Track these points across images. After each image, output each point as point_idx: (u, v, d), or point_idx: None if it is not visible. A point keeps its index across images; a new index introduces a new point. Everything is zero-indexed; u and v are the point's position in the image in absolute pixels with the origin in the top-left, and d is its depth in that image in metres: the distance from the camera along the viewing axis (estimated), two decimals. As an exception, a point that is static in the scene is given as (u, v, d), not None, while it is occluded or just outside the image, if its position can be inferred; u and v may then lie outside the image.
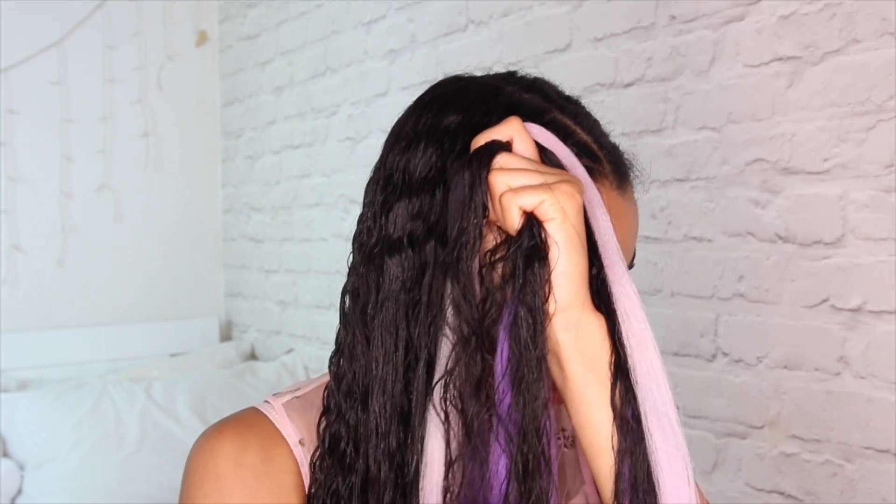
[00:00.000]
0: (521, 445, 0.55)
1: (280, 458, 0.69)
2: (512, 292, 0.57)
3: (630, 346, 0.58)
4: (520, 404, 0.55)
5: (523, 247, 0.57)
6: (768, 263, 1.47)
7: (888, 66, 1.29)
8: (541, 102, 0.68)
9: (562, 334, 0.57)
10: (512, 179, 0.58)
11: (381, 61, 2.46)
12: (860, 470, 1.36)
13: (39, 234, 3.06)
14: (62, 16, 3.06)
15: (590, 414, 0.57)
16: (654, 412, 0.57)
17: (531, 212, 0.57)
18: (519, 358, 0.56)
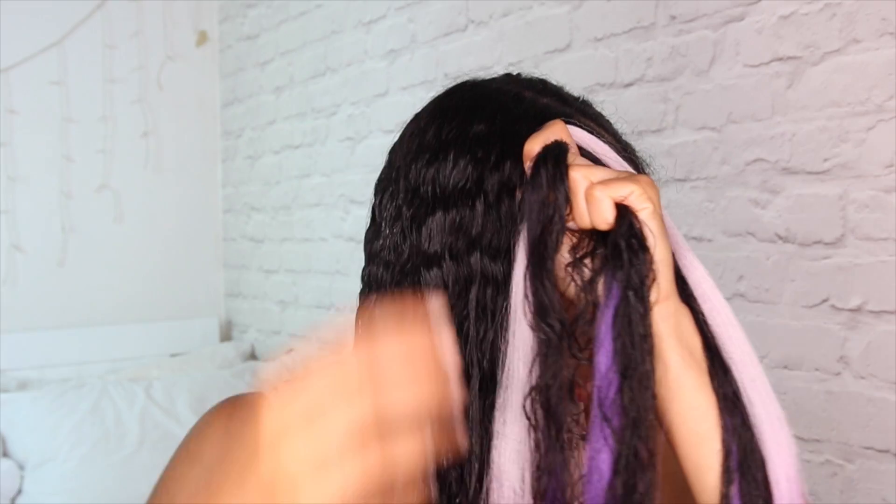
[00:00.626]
0: (630, 438, 0.55)
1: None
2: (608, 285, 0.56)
3: (716, 327, 0.59)
4: (629, 396, 0.55)
5: (624, 234, 0.56)
6: (768, 263, 1.47)
7: (888, 66, 1.29)
8: (561, 106, 0.67)
9: (663, 324, 0.57)
10: (592, 174, 0.58)
11: (381, 61, 2.46)
12: (860, 470, 1.36)
13: (39, 234, 3.06)
14: (62, 16, 3.07)
15: (694, 400, 0.57)
16: (751, 386, 0.57)
17: (622, 203, 0.57)
18: (627, 347, 0.55)
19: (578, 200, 0.57)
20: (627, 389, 0.55)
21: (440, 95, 0.70)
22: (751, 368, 0.58)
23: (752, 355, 0.59)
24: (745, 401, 0.57)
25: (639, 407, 0.55)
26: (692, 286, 0.60)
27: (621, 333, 0.55)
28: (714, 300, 0.59)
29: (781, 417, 0.58)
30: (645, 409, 0.55)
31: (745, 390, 0.57)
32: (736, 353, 0.58)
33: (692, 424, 0.57)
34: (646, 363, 0.55)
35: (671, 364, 0.57)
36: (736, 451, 0.56)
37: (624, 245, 0.56)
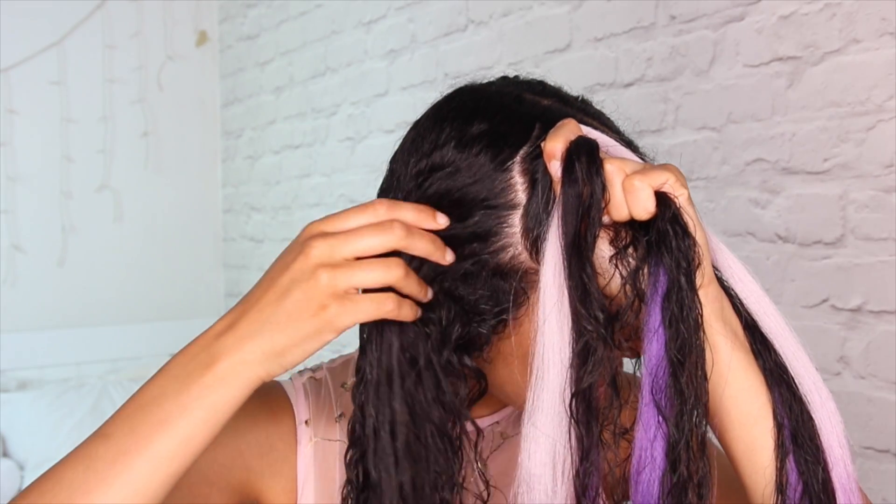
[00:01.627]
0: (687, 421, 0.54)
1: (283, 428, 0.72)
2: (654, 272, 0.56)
3: (751, 305, 0.60)
4: (685, 380, 0.55)
5: (669, 220, 0.56)
6: (768, 263, 1.47)
7: (888, 66, 1.29)
8: (562, 107, 0.67)
9: (708, 307, 0.57)
10: (626, 166, 0.57)
11: (381, 61, 2.46)
12: (860, 470, 1.36)
13: (39, 234, 3.06)
14: (62, 16, 3.07)
15: (745, 381, 0.58)
16: (794, 358, 0.59)
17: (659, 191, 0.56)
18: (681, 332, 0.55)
19: (616, 191, 0.57)
20: (684, 375, 0.55)
21: (439, 101, 0.70)
22: (790, 341, 0.59)
23: (788, 328, 0.60)
24: (790, 372, 0.58)
25: (695, 392, 0.55)
26: (723, 268, 0.60)
27: (674, 319, 0.55)
28: (746, 281, 0.60)
29: (824, 385, 0.59)
30: (701, 392, 0.55)
31: (789, 363, 0.59)
32: (773, 327, 0.60)
33: (744, 406, 0.58)
34: (700, 347, 0.55)
35: (719, 347, 0.57)
36: (788, 423, 0.57)
37: (671, 231, 0.55)
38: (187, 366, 0.58)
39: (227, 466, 0.69)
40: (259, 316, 0.58)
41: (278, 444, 0.72)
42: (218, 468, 0.69)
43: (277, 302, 0.58)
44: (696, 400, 0.55)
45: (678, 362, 0.55)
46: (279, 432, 0.72)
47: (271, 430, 0.72)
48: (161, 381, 0.58)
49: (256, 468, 0.71)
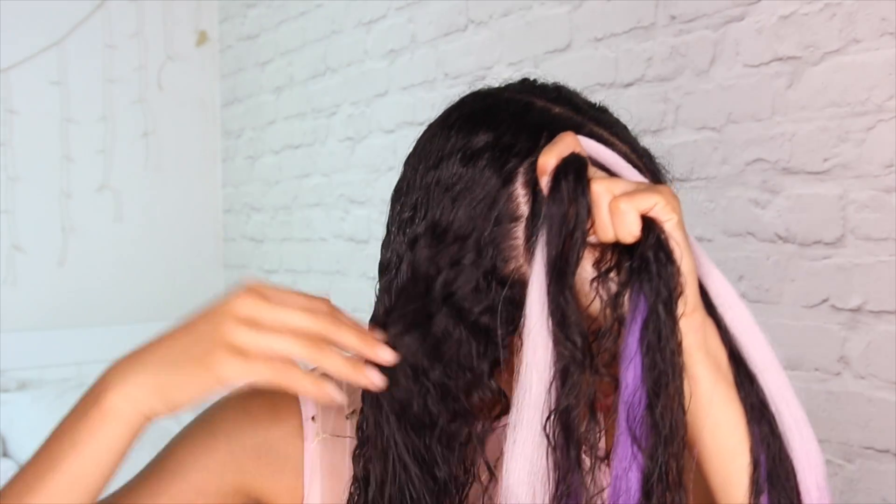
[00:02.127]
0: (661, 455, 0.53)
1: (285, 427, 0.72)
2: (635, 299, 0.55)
3: (739, 335, 0.58)
4: (660, 412, 0.54)
5: (652, 246, 0.55)
6: (768, 263, 1.47)
7: (888, 66, 1.29)
8: (574, 116, 0.66)
9: (691, 337, 0.55)
10: (614, 186, 0.56)
11: (381, 61, 2.46)
12: (860, 470, 1.36)
13: (39, 234, 3.06)
14: (62, 16, 3.07)
15: (723, 414, 0.56)
16: (777, 393, 0.57)
17: (646, 215, 0.55)
18: (657, 362, 0.54)
19: (602, 213, 0.56)
20: (659, 406, 0.54)
21: (453, 105, 0.69)
22: (776, 375, 0.58)
23: (776, 361, 0.58)
24: (772, 409, 0.57)
25: (670, 423, 0.54)
26: (713, 295, 0.59)
27: (651, 348, 0.54)
28: (736, 308, 0.58)
29: (807, 424, 0.57)
30: (677, 425, 0.54)
31: (771, 398, 0.57)
32: (760, 360, 0.58)
33: (721, 439, 0.57)
34: (677, 378, 0.54)
35: (700, 378, 0.56)
36: (765, 461, 0.56)
37: (652, 257, 0.54)
38: (85, 398, 0.60)
39: (217, 472, 0.69)
40: (156, 349, 0.60)
41: (279, 445, 0.71)
42: (207, 475, 0.69)
43: (177, 338, 0.59)
44: (672, 433, 0.54)
45: (654, 393, 0.54)
46: (281, 432, 0.71)
47: (272, 430, 0.71)
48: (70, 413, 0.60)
49: (252, 470, 0.70)
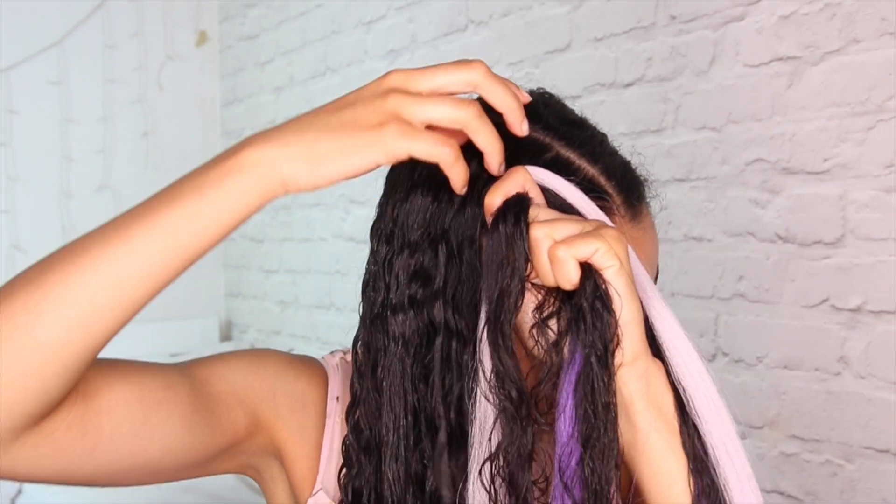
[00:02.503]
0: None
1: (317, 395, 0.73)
2: (572, 348, 0.54)
3: (686, 382, 0.56)
4: (591, 466, 0.53)
5: (589, 297, 0.53)
6: (768, 263, 1.47)
7: (888, 66, 1.29)
8: (541, 136, 0.64)
9: (632, 386, 0.55)
10: (555, 231, 0.55)
11: (381, 61, 2.46)
12: (860, 470, 1.36)
13: (39, 234, 3.06)
14: (62, 16, 3.07)
15: (665, 462, 0.55)
16: (720, 444, 0.56)
17: (586, 262, 0.54)
18: (589, 416, 0.53)
19: (541, 260, 0.55)
20: (589, 460, 0.53)
21: None
22: (721, 425, 0.56)
23: (723, 410, 0.57)
24: (713, 460, 0.56)
25: (600, 478, 0.53)
26: (662, 339, 0.57)
27: (583, 401, 0.53)
28: (684, 353, 0.57)
29: (750, 476, 0.56)
30: (606, 481, 0.53)
31: (713, 449, 0.56)
32: (705, 408, 0.56)
33: (663, 488, 0.56)
34: (608, 433, 0.53)
35: (641, 427, 0.55)
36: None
37: (587, 308, 0.53)
38: (222, 154, 0.56)
39: (261, 399, 0.70)
40: (312, 119, 0.56)
41: (310, 408, 0.72)
42: (251, 395, 0.69)
43: (336, 111, 0.56)
44: (602, 487, 0.53)
45: (585, 447, 0.53)
46: (313, 398, 0.72)
47: (308, 392, 0.72)
48: (201, 166, 0.57)
49: (285, 417, 0.71)
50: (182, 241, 0.56)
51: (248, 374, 0.70)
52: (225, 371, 0.70)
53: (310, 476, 0.71)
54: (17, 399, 0.53)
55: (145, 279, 0.55)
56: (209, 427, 0.66)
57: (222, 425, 0.67)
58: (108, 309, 0.54)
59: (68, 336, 0.53)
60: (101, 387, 0.60)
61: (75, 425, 0.57)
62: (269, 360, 0.72)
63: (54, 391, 0.54)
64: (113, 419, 0.60)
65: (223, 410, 0.67)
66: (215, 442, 0.66)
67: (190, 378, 0.68)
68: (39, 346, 0.53)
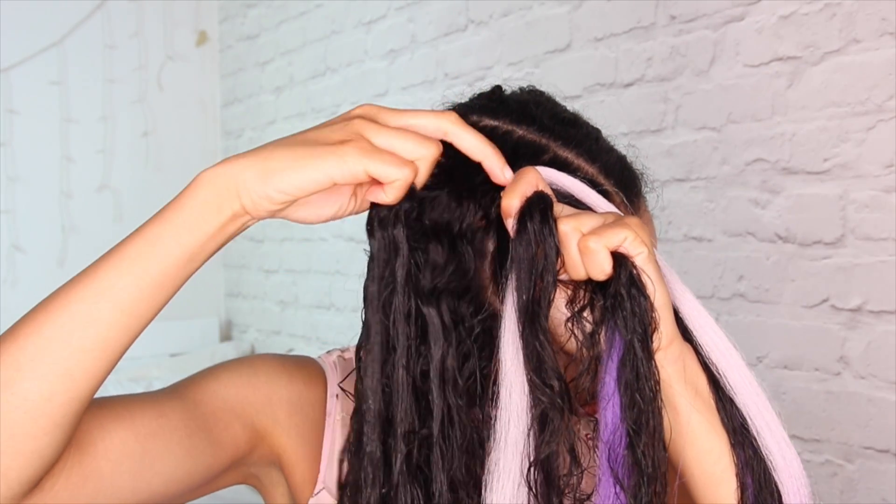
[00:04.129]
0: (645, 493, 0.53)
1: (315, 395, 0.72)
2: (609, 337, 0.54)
3: (716, 359, 0.57)
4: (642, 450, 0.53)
5: (624, 284, 0.54)
6: (768, 263, 1.47)
7: (888, 66, 1.29)
8: (537, 138, 0.65)
9: (669, 369, 0.55)
10: (582, 224, 0.55)
11: (381, 61, 2.46)
12: (860, 470, 1.36)
13: (39, 234, 3.06)
14: (62, 16, 3.07)
15: (707, 443, 0.56)
16: (757, 414, 0.56)
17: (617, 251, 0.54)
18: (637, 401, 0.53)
19: (571, 253, 0.55)
20: (640, 444, 0.53)
21: None
22: (755, 396, 0.57)
23: (754, 382, 0.58)
24: (753, 431, 0.56)
25: (652, 462, 0.53)
26: (687, 320, 0.58)
27: (629, 386, 0.54)
28: (710, 331, 0.58)
29: (789, 444, 0.57)
30: (658, 463, 0.54)
31: (751, 420, 0.57)
32: (738, 382, 0.57)
33: (707, 467, 0.56)
34: (657, 416, 0.54)
35: (681, 409, 0.56)
36: (751, 485, 0.56)
37: (625, 294, 0.54)
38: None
39: (256, 410, 0.69)
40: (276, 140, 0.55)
41: (308, 409, 0.71)
42: (247, 407, 0.68)
43: (302, 133, 0.55)
44: (654, 471, 0.53)
45: (634, 432, 0.53)
46: (311, 398, 0.72)
47: (304, 393, 0.71)
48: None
49: (283, 423, 0.70)
50: (149, 268, 0.54)
51: (242, 387, 0.69)
52: (217, 387, 0.68)
53: (311, 477, 0.71)
54: (12, 465, 0.52)
55: (119, 314, 0.53)
56: (209, 448, 0.65)
57: (222, 443, 0.66)
58: (86, 351, 0.53)
59: (51, 387, 0.52)
60: (93, 428, 0.58)
61: (75, 473, 0.56)
62: (262, 367, 0.72)
63: (48, 451, 0.53)
64: (111, 460, 0.59)
65: (221, 428, 0.66)
66: (217, 461, 0.66)
67: (182, 401, 0.66)
68: (24, 400, 0.52)
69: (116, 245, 0.55)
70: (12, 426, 0.52)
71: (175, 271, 0.54)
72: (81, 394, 0.54)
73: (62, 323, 0.53)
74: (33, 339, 0.54)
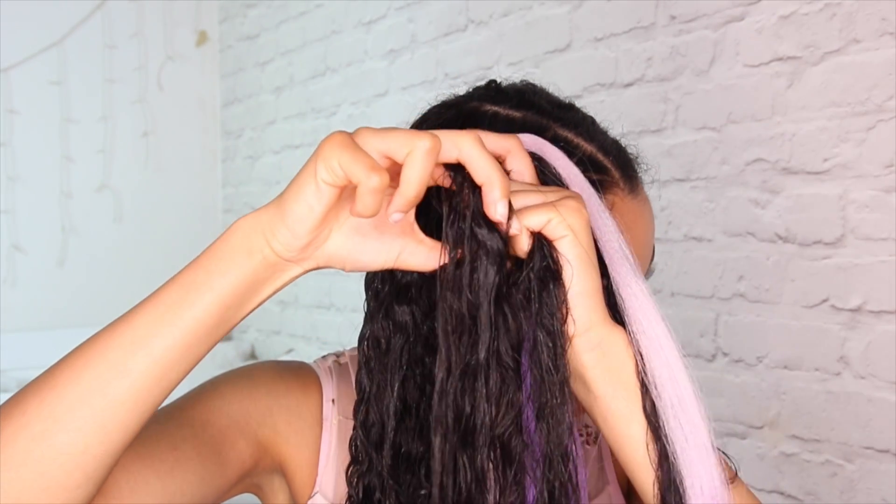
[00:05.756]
0: (546, 473, 0.54)
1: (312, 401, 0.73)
2: (528, 318, 0.54)
3: (647, 351, 0.56)
4: (544, 430, 0.54)
5: (536, 268, 0.54)
6: (768, 263, 1.47)
7: (888, 66, 1.29)
8: (537, 119, 0.66)
9: (586, 356, 0.55)
10: (517, 201, 0.55)
11: (381, 61, 2.46)
12: (860, 470, 1.36)
13: (39, 234, 3.06)
14: (62, 16, 3.07)
15: (626, 429, 0.56)
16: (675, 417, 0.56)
17: (539, 232, 0.54)
18: (541, 383, 0.54)
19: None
20: (543, 426, 0.54)
21: (417, 119, 0.70)
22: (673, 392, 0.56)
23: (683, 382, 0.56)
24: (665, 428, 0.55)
25: (553, 442, 0.54)
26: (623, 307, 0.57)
27: (533, 370, 0.54)
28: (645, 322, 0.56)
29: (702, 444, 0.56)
30: (559, 443, 0.54)
31: (666, 416, 0.56)
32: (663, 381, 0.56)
33: (628, 451, 0.56)
34: (555, 398, 0.54)
35: (599, 395, 0.56)
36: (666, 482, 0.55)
37: (535, 279, 0.54)
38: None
39: (258, 422, 0.70)
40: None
41: (306, 414, 0.72)
42: (250, 421, 0.69)
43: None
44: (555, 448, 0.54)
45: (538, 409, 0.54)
46: (308, 403, 0.73)
47: (302, 399, 0.73)
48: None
49: (284, 432, 0.71)
50: (183, 314, 0.53)
51: (244, 400, 0.70)
52: (220, 404, 0.69)
53: (309, 481, 0.72)
54: None
55: (153, 364, 0.53)
56: (219, 469, 0.66)
57: (231, 463, 0.67)
58: (121, 403, 0.52)
59: (86, 439, 0.52)
60: (116, 470, 0.58)
61: None
62: (261, 377, 0.72)
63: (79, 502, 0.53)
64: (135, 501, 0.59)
65: (228, 447, 0.67)
66: (226, 481, 0.67)
67: (191, 427, 0.66)
68: (59, 453, 0.51)
69: (155, 290, 0.55)
70: (47, 479, 0.51)
71: (209, 320, 0.53)
72: (115, 447, 0.53)
73: (100, 372, 0.52)
74: (72, 388, 0.52)
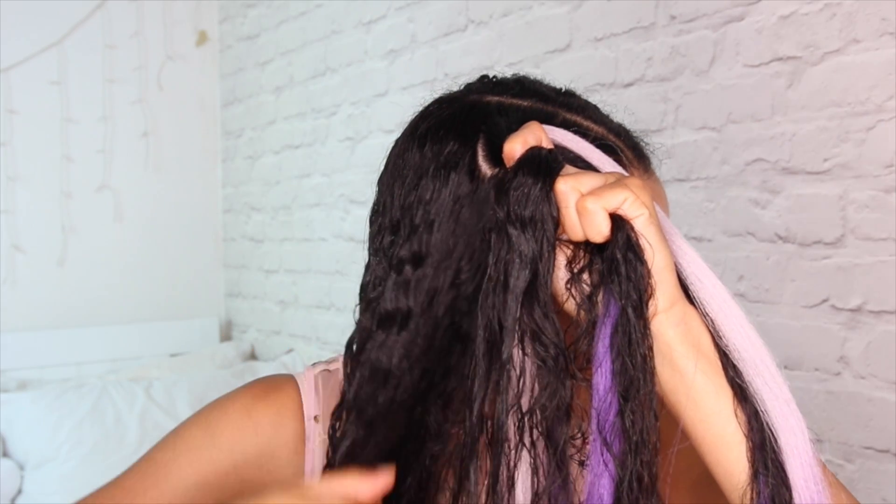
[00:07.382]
0: (632, 463, 0.52)
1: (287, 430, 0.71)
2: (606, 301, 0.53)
3: (715, 314, 0.56)
4: (631, 418, 0.52)
5: (621, 247, 0.53)
6: (768, 263, 1.47)
7: (888, 66, 1.29)
8: (544, 107, 0.65)
9: (671, 332, 0.54)
10: (581, 184, 0.54)
11: (381, 61, 2.46)
12: (860, 470, 1.36)
13: (39, 234, 3.06)
14: (62, 16, 3.06)
15: (716, 404, 0.54)
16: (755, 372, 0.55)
17: (615, 213, 0.53)
18: (627, 368, 0.52)
19: (569, 214, 0.54)
20: (629, 412, 0.52)
21: (418, 115, 0.68)
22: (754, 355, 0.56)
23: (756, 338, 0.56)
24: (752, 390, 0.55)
25: (641, 430, 0.52)
26: (688, 279, 0.57)
27: (620, 352, 0.53)
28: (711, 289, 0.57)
29: (790, 400, 0.55)
30: (647, 432, 0.53)
31: (751, 379, 0.55)
32: (738, 340, 0.56)
33: (718, 429, 0.55)
34: (647, 384, 0.53)
35: (686, 372, 0.54)
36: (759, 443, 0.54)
37: (621, 258, 0.53)
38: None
39: (217, 487, 0.68)
40: None
41: (281, 452, 0.70)
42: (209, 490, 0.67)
43: None
44: (642, 440, 0.52)
45: (623, 399, 0.52)
46: (283, 438, 0.70)
47: (275, 438, 0.70)
48: None
49: (255, 479, 0.69)
50: None
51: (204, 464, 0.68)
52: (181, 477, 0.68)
53: None
54: None
55: None
56: None
57: None
58: None
59: None
60: None
61: None
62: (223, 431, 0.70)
63: None
64: None
65: None
66: None
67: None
68: None
69: None
70: None
71: None
72: None
73: None
74: None
